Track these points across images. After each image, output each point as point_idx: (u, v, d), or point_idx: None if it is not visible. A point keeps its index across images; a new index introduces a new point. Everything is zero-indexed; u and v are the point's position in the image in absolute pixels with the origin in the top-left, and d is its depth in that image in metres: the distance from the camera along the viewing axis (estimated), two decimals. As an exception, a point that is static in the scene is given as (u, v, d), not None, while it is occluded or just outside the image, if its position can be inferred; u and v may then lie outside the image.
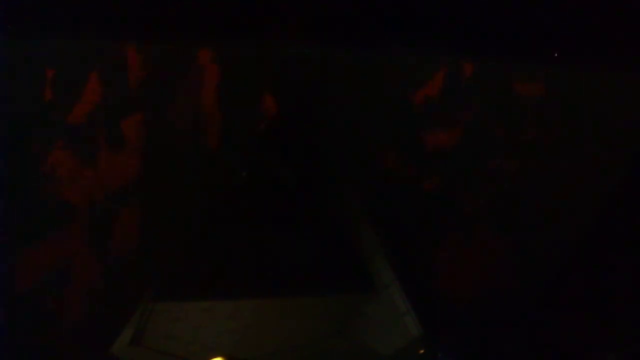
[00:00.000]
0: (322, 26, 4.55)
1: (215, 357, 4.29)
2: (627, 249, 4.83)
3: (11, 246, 3.79)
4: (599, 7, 4.77)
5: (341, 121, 4.90)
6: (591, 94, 4.99)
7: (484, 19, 4.65)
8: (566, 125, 5.01)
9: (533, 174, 5.12)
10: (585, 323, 4.42)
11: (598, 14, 4.78)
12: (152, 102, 4.09)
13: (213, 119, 4.37)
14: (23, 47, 3.61)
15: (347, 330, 4.54)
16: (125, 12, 3.87)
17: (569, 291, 4.65)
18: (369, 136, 4.93)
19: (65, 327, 3.99)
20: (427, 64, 4.68)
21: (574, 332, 4.37)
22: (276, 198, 5.14)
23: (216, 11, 4.16)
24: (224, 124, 4.44)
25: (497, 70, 4.83)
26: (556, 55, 4.98)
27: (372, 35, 4.59)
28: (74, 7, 3.70)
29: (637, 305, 4.53)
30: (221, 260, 4.72)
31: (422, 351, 4.43)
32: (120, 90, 3.94)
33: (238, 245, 4.82)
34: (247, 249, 4.82)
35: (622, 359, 4.23)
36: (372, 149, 4.97)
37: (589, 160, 5.16)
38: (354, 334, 4.53)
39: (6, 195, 3.73)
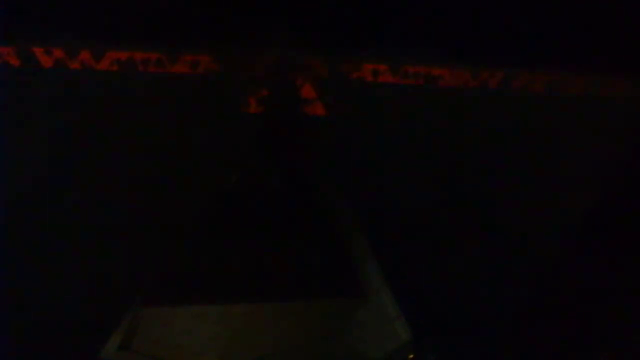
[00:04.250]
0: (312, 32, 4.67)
1: (205, 361, 4.29)
2: (620, 251, 4.77)
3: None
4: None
5: (331, 126, 4.97)
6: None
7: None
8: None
9: (525, 175, 5.11)
10: (578, 323, 4.35)
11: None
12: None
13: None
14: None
15: (337, 335, 4.52)
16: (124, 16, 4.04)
17: (560, 292, 4.59)
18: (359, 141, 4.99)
19: (55, 331, 4.06)
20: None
21: (566, 332, 4.30)
22: (267, 204, 5.21)
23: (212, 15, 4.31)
24: (214, 127, 4.54)
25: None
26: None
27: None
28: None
29: (629, 305, 4.46)
30: (211, 265, 4.77)
31: (411, 356, 4.39)
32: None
33: (228, 251, 4.88)
34: (237, 254, 4.87)
35: (614, 358, 4.14)
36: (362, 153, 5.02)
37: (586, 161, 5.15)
38: (344, 338, 4.51)
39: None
